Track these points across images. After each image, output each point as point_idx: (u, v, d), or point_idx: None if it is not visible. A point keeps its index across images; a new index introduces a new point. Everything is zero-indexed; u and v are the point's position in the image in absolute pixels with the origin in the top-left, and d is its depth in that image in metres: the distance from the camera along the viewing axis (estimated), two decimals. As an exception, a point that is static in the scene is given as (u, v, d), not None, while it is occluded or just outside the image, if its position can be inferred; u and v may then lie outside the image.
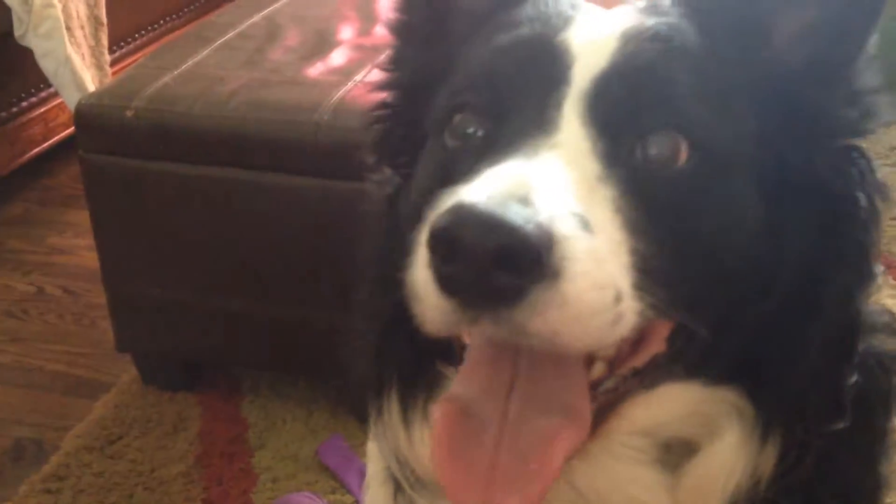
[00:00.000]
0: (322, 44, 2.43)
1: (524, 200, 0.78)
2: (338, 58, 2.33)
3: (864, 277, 1.01)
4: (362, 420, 1.53)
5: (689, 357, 0.96)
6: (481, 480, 0.88)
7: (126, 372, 2.53)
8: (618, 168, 0.89)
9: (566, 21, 0.99)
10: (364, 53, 2.35)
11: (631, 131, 0.91)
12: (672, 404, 1.02)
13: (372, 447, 1.38)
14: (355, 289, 1.32)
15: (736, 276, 0.95)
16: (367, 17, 2.66)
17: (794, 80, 0.98)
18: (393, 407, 1.14)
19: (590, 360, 0.93)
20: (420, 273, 0.83)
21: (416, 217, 0.96)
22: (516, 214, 0.75)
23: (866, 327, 1.05)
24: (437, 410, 0.93)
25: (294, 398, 2.41)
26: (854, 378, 1.02)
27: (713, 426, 1.03)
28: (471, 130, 0.97)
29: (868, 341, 1.06)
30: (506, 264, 0.75)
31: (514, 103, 0.94)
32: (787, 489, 1.03)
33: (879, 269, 1.04)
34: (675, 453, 1.05)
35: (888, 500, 1.18)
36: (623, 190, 0.87)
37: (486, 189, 0.79)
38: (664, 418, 1.03)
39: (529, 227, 0.75)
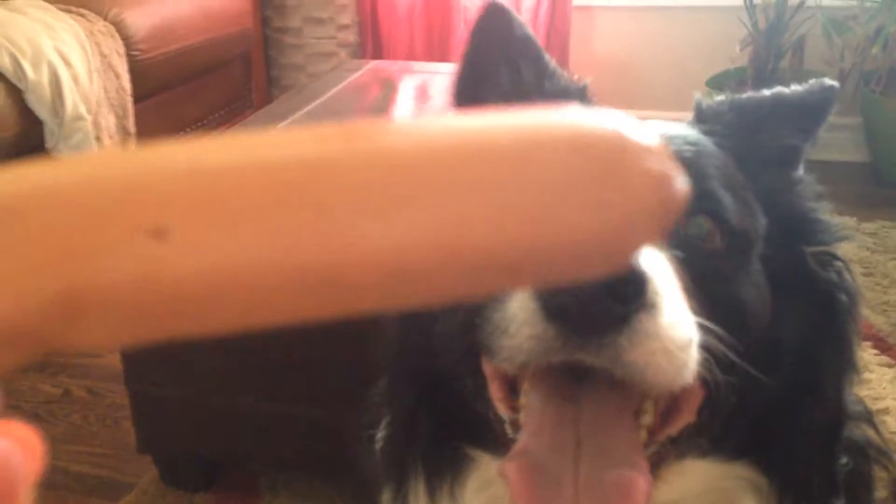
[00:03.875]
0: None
1: None
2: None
3: (848, 366, 1.11)
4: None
5: (713, 429, 1.03)
6: None
7: (147, 472, 2.57)
8: (670, 247, 0.96)
9: None
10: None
11: None
12: (694, 478, 1.08)
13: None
14: (371, 385, 1.38)
15: (755, 347, 1.02)
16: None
17: (776, 194, 1.12)
18: (420, 490, 1.18)
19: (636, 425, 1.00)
20: (520, 306, 0.87)
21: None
22: None
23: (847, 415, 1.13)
24: (512, 466, 0.95)
25: (311, 498, 2.44)
26: (844, 460, 1.11)
27: (731, 501, 1.10)
28: None
29: (849, 429, 1.14)
30: (614, 293, 0.81)
31: None
32: None
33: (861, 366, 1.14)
34: None
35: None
36: (675, 261, 0.95)
37: None
38: (686, 492, 1.09)
39: (636, 262, 0.82)
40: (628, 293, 0.82)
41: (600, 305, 0.81)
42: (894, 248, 3.65)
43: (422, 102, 3.05)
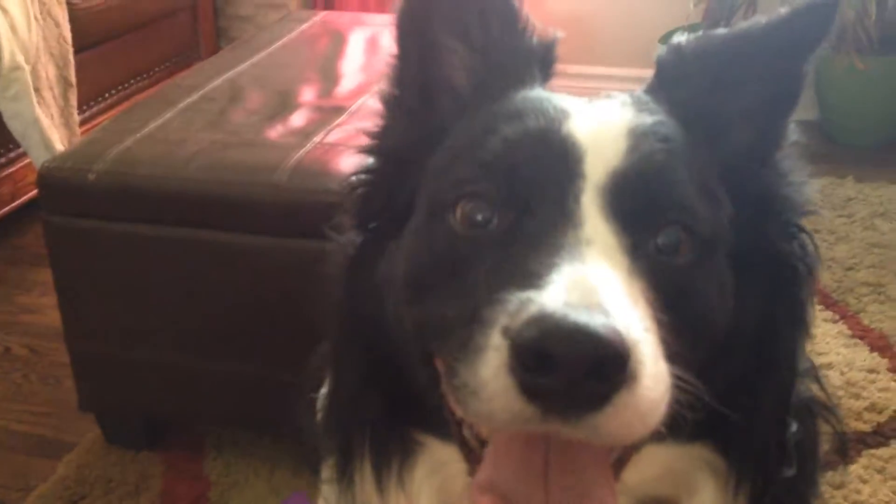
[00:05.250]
0: (283, 106, 2.48)
1: (599, 308, 0.81)
2: (298, 119, 2.39)
3: (805, 330, 1.10)
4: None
5: (672, 422, 1.00)
6: None
7: (90, 431, 2.53)
8: (639, 261, 0.94)
9: (564, 114, 1.03)
10: (323, 115, 2.41)
11: (647, 227, 0.96)
12: (652, 464, 1.07)
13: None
14: (313, 348, 1.35)
15: (720, 342, 1.01)
16: (328, 80, 2.72)
17: (745, 164, 1.08)
18: (366, 472, 1.15)
19: None
20: (494, 377, 0.83)
21: (416, 293, 1.02)
22: (604, 327, 0.78)
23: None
24: (479, 499, 0.93)
25: (257, 455, 2.42)
26: (795, 426, 1.10)
27: (690, 483, 1.10)
28: (481, 218, 0.99)
29: (797, 387, 1.13)
30: (596, 374, 0.78)
31: (533, 194, 0.97)
32: None
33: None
34: None
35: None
36: (646, 283, 0.93)
37: (562, 297, 0.81)
38: (645, 477, 1.08)
39: (618, 340, 0.79)
40: (611, 372, 0.79)
41: (583, 388, 0.79)
42: (840, 205, 3.69)
43: (371, 55, 2.99)
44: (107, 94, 4.16)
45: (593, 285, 0.84)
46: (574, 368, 0.77)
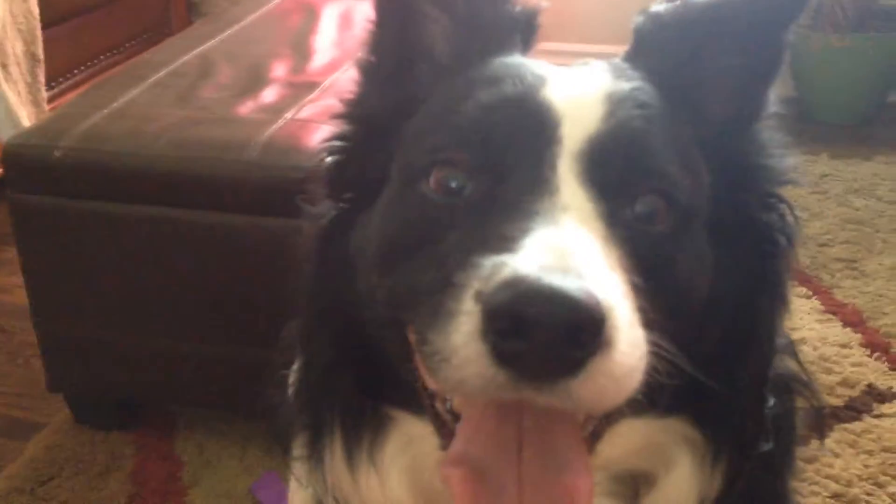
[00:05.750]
0: (254, 81, 2.45)
1: (575, 272, 0.79)
2: (269, 95, 2.35)
3: (783, 304, 1.10)
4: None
5: (649, 391, 0.99)
6: None
7: (59, 412, 2.50)
8: (616, 229, 0.93)
9: (541, 80, 1.02)
10: (295, 91, 2.37)
11: (624, 194, 0.95)
12: (629, 438, 1.07)
13: (297, 496, 1.38)
14: (285, 325, 1.33)
15: (698, 314, 1.01)
16: (301, 55, 2.68)
17: (724, 134, 1.07)
18: (336, 448, 1.14)
19: None
20: (466, 343, 0.81)
21: (389, 262, 1.00)
22: (579, 290, 0.76)
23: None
24: (451, 471, 0.91)
25: (229, 435, 2.40)
26: (772, 401, 1.10)
27: (667, 457, 1.09)
28: (455, 185, 0.98)
29: (775, 362, 1.13)
30: (570, 339, 0.77)
31: (508, 160, 0.96)
32: None
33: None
34: (627, 485, 1.11)
35: None
36: (623, 250, 0.92)
37: (537, 260, 0.80)
38: (622, 451, 1.07)
39: (593, 303, 0.77)
40: (586, 337, 0.78)
41: (557, 353, 0.77)
42: (814, 182, 3.70)
43: (344, 31, 2.95)
44: (76, 71, 4.10)
45: (569, 249, 0.83)
46: (548, 332, 0.76)
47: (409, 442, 1.12)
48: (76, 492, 2.25)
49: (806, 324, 2.83)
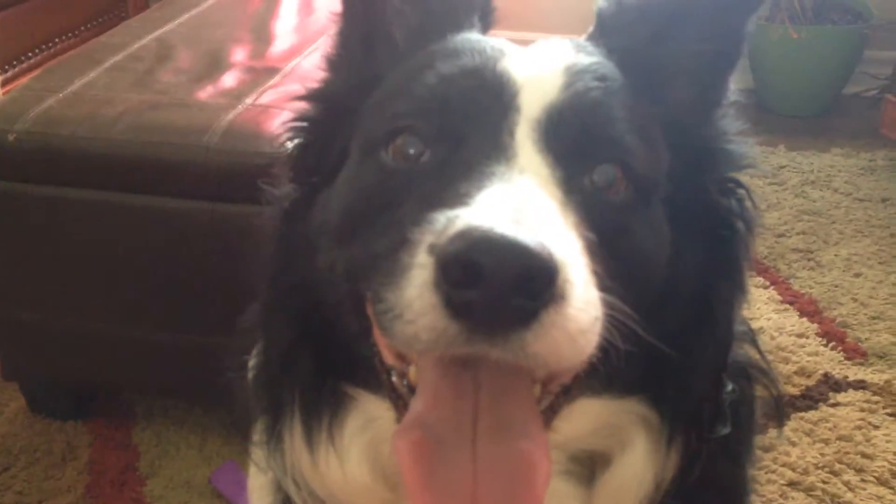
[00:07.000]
0: (213, 66, 2.41)
1: (528, 224, 0.80)
2: (229, 80, 2.32)
3: (741, 289, 1.11)
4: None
5: (606, 370, 1.00)
6: None
7: (13, 401, 2.46)
8: (573, 195, 0.94)
9: (500, 53, 1.04)
10: (255, 76, 2.34)
11: (582, 162, 0.97)
12: (586, 417, 1.07)
13: (257, 482, 1.37)
14: (243, 311, 1.32)
15: (656, 291, 1.02)
16: (261, 40, 2.65)
17: (685, 119, 1.09)
18: (296, 428, 1.13)
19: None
20: (420, 295, 0.81)
21: (348, 233, 1.00)
22: (532, 240, 0.77)
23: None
24: (404, 439, 0.91)
25: (188, 424, 2.38)
26: (730, 387, 1.12)
27: (623, 437, 1.09)
28: (413, 152, 0.99)
29: (734, 350, 1.14)
30: (522, 289, 0.77)
31: (466, 127, 0.97)
32: (674, 493, 1.10)
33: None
34: (583, 465, 1.11)
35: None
36: (580, 217, 0.92)
37: (490, 214, 0.80)
38: (579, 431, 1.08)
39: (546, 253, 0.77)
40: (539, 287, 0.78)
41: (509, 302, 0.77)
42: (772, 173, 3.74)
43: (305, 16, 2.92)
44: (30, 54, 4.01)
45: (523, 204, 0.84)
46: (500, 280, 0.76)
47: (369, 421, 1.12)
48: (32, 482, 2.21)
49: (763, 313, 2.87)
